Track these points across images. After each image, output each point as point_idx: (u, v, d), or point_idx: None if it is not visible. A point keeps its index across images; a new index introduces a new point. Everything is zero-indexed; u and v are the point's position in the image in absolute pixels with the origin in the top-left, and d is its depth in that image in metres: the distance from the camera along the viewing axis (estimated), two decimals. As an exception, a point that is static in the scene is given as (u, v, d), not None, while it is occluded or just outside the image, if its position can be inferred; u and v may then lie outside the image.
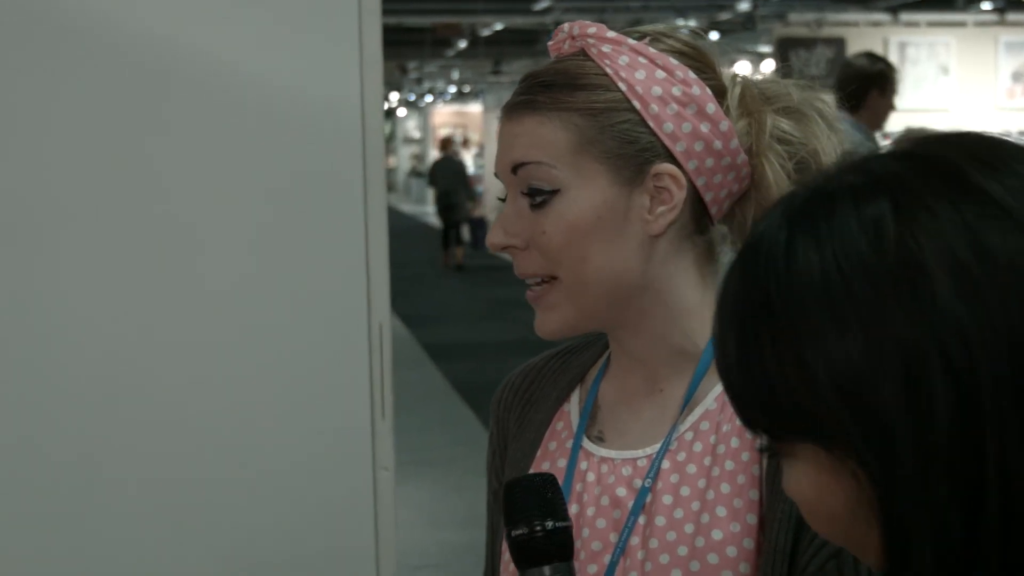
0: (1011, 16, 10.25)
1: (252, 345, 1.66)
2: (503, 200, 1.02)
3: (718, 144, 0.96)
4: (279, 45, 1.66)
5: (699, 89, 0.96)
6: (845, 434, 0.59)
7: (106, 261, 1.61)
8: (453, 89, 26.53)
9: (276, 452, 1.65)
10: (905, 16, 9.78)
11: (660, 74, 0.95)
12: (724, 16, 12.36)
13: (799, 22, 9.93)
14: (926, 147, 0.63)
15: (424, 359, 8.20)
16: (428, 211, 21.24)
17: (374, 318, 1.68)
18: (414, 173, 28.56)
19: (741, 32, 12.26)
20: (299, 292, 1.67)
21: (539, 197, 0.96)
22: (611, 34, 0.98)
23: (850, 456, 0.58)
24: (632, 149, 0.95)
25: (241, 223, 1.66)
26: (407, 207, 25.76)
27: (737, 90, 0.99)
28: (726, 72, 1.02)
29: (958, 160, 0.60)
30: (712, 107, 0.96)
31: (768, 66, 10.32)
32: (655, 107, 0.94)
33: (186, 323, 1.63)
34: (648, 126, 0.95)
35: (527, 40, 15.95)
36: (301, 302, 1.67)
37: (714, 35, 15.04)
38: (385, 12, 1.69)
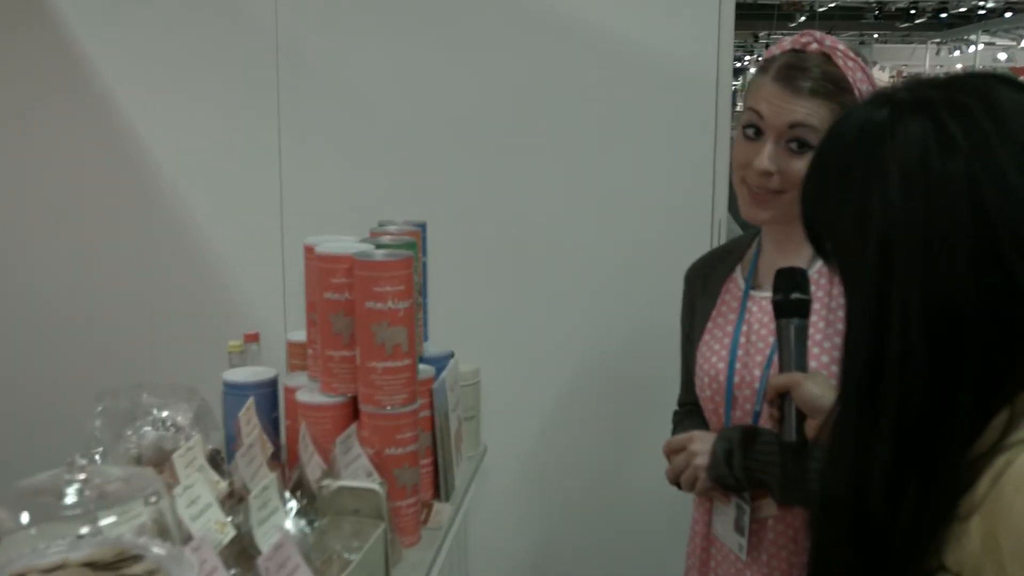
0: None
1: (633, 218, 2.45)
2: (752, 133, 1.50)
3: None
4: (660, 20, 2.39)
5: None
6: (841, 268, 0.95)
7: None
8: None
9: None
10: None
11: (870, 88, 1.48)
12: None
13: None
14: (937, 88, 0.91)
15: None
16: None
17: (716, 214, 2.42)
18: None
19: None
20: (667, 190, 2.43)
21: (804, 147, 1.46)
22: (851, 54, 1.50)
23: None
24: None
25: (630, 144, 2.44)
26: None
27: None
28: None
29: (941, 99, 0.88)
30: None
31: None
32: None
33: (602, 202, 2.44)
34: None
35: (854, 16, 20.52)
36: (667, 198, 2.44)
37: (1008, 14, 15.72)
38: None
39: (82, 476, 0.98)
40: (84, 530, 0.98)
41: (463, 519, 1.89)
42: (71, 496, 0.97)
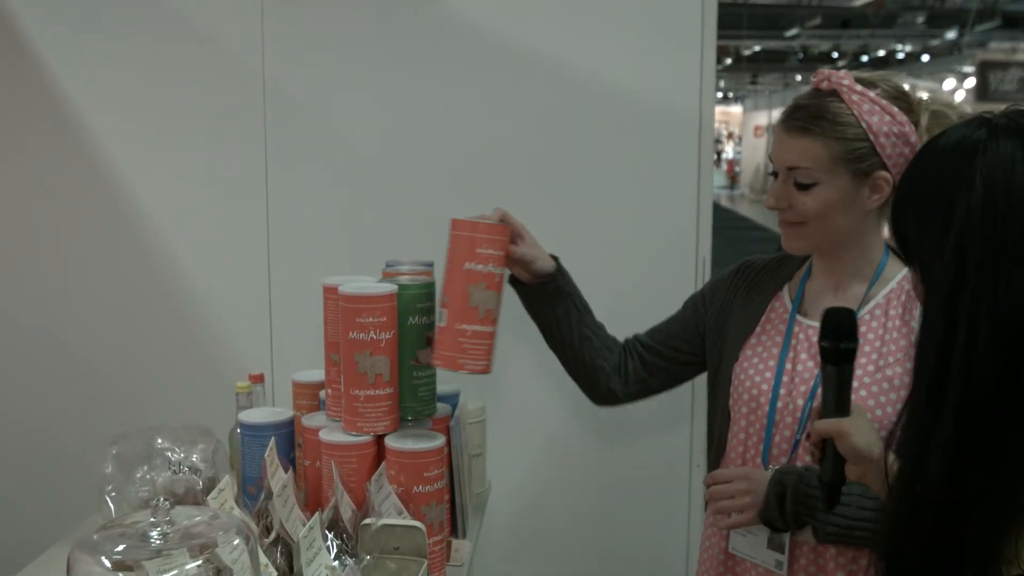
0: None
1: (619, 257, 2.49)
2: (773, 175, 1.57)
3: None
4: (643, 63, 2.46)
5: (906, 127, 1.51)
6: (920, 264, 1.05)
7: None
8: (720, 95, 35.56)
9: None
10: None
11: (885, 117, 1.50)
12: (935, 43, 14.73)
13: (997, 49, 11.12)
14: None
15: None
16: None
17: (700, 253, 2.48)
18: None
19: (948, 56, 14.12)
20: (654, 233, 2.49)
21: (804, 185, 1.52)
22: (858, 87, 1.51)
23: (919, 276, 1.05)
24: (865, 164, 1.51)
25: (617, 184, 2.49)
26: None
27: (924, 118, 1.53)
28: (917, 99, 1.55)
29: None
30: (913, 137, 1.51)
31: (969, 83, 12.20)
32: (882, 139, 1.50)
33: (589, 241, 2.47)
34: (876, 151, 1.50)
35: (778, 59, 20.75)
36: (653, 239, 2.49)
37: (925, 57, 16.01)
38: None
39: (166, 518, 0.97)
40: (169, 574, 0.98)
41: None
42: (154, 538, 0.97)
